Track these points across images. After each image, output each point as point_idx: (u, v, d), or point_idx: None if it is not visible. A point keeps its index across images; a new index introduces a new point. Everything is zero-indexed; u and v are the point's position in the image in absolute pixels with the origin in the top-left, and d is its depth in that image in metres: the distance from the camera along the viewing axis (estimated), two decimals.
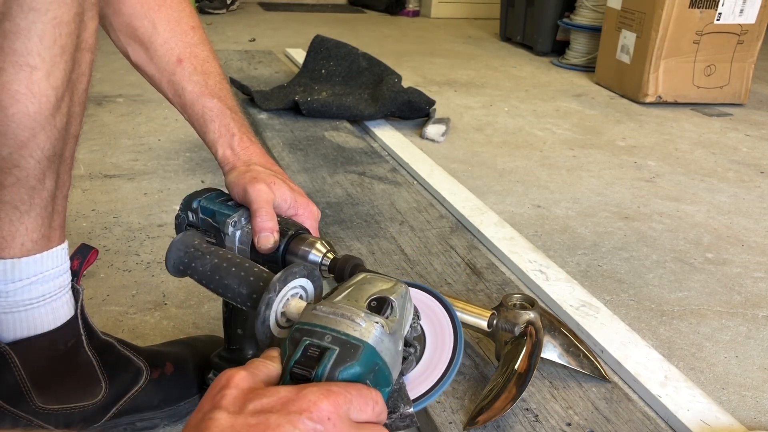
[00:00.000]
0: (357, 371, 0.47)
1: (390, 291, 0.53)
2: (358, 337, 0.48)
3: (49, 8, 0.58)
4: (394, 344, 0.50)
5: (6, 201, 0.62)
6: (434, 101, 2.02)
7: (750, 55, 2.39)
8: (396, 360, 0.51)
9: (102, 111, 1.96)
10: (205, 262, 0.62)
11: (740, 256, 1.33)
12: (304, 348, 0.47)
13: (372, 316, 0.49)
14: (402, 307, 0.53)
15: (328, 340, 0.48)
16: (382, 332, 0.49)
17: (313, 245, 0.69)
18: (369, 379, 0.48)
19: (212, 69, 0.78)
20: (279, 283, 0.55)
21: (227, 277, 0.60)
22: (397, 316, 0.52)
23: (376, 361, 0.48)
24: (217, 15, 3.75)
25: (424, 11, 4.27)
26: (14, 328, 0.67)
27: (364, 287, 0.54)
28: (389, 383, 0.50)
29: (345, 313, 0.49)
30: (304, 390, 0.44)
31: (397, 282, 0.55)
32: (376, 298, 0.52)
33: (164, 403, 0.78)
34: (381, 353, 0.49)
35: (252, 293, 0.58)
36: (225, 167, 0.76)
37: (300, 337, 0.48)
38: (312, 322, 0.49)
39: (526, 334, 0.83)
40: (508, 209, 1.48)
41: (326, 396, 0.43)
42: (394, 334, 0.51)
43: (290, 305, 0.56)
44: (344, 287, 0.54)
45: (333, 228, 1.26)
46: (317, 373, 0.46)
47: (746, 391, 0.95)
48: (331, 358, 0.46)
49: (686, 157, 1.89)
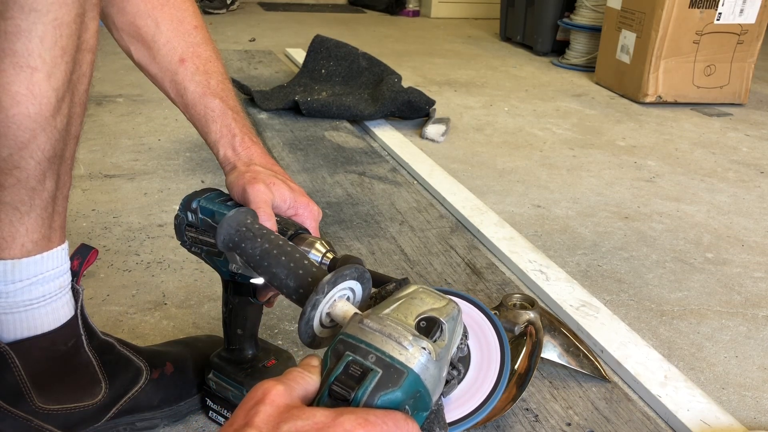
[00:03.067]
0: (398, 398, 0.45)
1: (441, 311, 0.51)
2: (403, 362, 0.46)
3: (50, 9, 0.58)
4: (439, 371, 0.48)
5: (6, 202, 0.62)
6: (434, 101, 2.02)
7: (750, 55, 2.39)
8: (438, 386, 0.49)
9: (102, 111, 1.96)
10: (256, 245, 0.61)
11: (740, 256, 1.33)
12: (347, 364, 0.46)
13: (420, 341, 0.47)
14: (452, 330, 0.51)
15: (371, 360, 0.46)
16: (428, 359, 0.47)
17: (312, 245, 0.69)
18: (408, 404, 0.46)
19: (215, 69, 0.78)
20: (328, 285, 0.53)
21: (276, 266, 0.59)
22: (446, 340, 0.50)
23: (418, 389, 0.46)
24: (217, 15, 3.75)
25: (424, 11, 4.27)
26: (14, 329, 0.67)
27: (414, 303, 0.51)
28: (428, 408, 0.48)
29: (392, 333, 0.47)
30: (341, 417, 0.42)
31: (450, 301, 0.53)
32: (425, 318, 0.50)
33: (164, 403, 0.78)
34: (425, 381, 0.47)
35: (299, 287, 0.57)
36: (226, 167, 0.76)
37: (343, 350, 0.47)
38: (357, 336, 0.47)
39: (526, 334, 0.83)
40: (508, 209, 1.48)
41: (363, 426, 0.42)
42: (441, 360, 0.48)
43: (336, 307, 0.54)
44: (394, 299, 0.52)
45: (333, 228, 1.26)
46: (356, 396, 0.45)
47: (746, 391, 0.95)
48: (372, 381, 0.45)
49: (686, 157, 1.89)
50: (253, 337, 0.79)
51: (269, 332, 0.98)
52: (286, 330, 0.99)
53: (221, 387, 0.78)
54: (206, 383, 0.80)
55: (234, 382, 0.77)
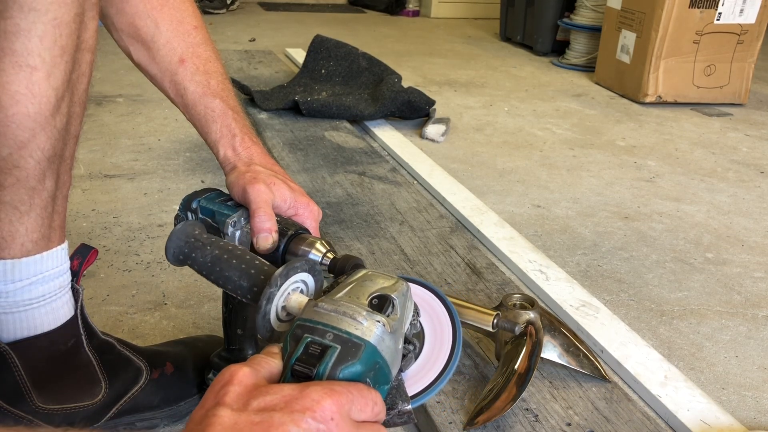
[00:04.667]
0: (358, 370, 0.47)
1: (391, 289, 0.54)
2: (359, 335, 0.48)
3: (49, 9, 0.58)
4: (394, 343, 0.51)
5: (6, 201, 0.62)
6: (434, 101, 2.02)
7: (750, 55, 2.39)
8: (396, 358, 0.51)
9: (102, 111, 1.96)
10: (206, 253, 0.62)
11: (740, 256, 1.33)
12: (306, 345, 0.48)
13: (373, 315, 0.50)
14: (403, 305, 0.53)
15: (329, 338, 0.48)
16: (383, 331, 0.49)
17: (312, 245, 0.69)
18: (369, 377, 0.48)
19: (214, 69, 0.78)
20: (281, 278, 0.55)
21: (228, 269, 0.60)
22: (398, 314, 0.52)
23: (376, 359, 0.48)
24: (217, 15, 3.75)
25: (424, 11, 4.27)
26: (14, 328, 0.67)
27: (365, 284, 0.54)
28: (388, 381, 0.50)
29: (347, 311, 0.49)
30: (307, 389, 0.44)
31: (398, 279, 0.55)
32: (377, 296, 0.53)
33: (164, 403, 0.78)
34: (382, 352, 0.49)
35: (253, 286, 0.58)
36: (226, 167, 0.76)
37: (301, 334, 0.49)
38: (313, 319, 0.49)
39: (526, 334, 0.83)
40: (508, 209, 1.48)
41: (330, 395, 0.43)
42: (395, 332, 0.51)
43: (291, 300, 0.56)
44: (345, 284, 0.54)
45: (333, 228, 1.26)
46: (318, 371, 0.46)
47: (746, 391, 0.95)
48: (332, 356, 0.47)
49: (686, 157, 1.89)
50: (253, 337, 0.79)
51: None
52: None
53: None
54: (206, 383, 0.80)
55: None
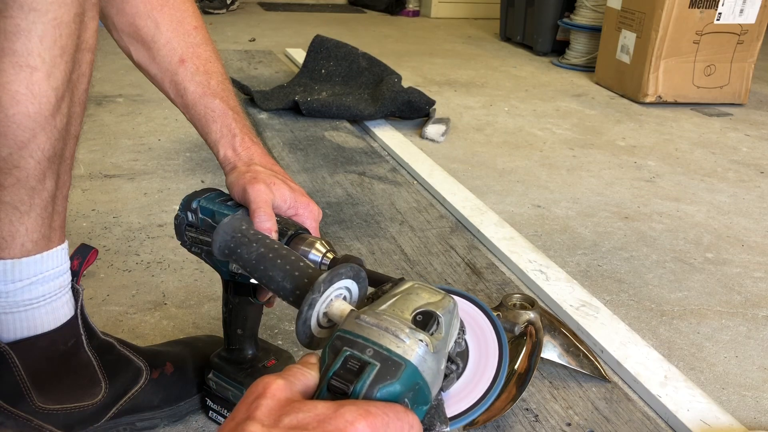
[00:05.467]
0: (396, 390, 0.45)
1: (437, 305, 0.51)
2: (400, 354, 0.46)
3: (49, 9, 0.58)
4: (437, 363, 0.49)
5: (6, 202, 0.62)
6: (434, 101, 2.02)
7: (750, 55, 2.39)
8: (437, 378, 0.49)
9: (102, 111, 1.96)
10: (251, 250, 0.61)
11: (740, 256, 1.33)
12: (344, 359, 0.46)
13: (417, 333, 0.47)
14: (449, 324, 0.51)
15: (369, 353, 0.46)
16: (425, 351, 0.47)
17: (312, 245, 0.69)
18: (408, 397, 0.46)
19: (215, 69, 0.78)
20: (324, 284, 0.53)
21: (272, 269, 0.59)
22: (443, 333, 0.50)
23: (417, 380, 0.46)
24: (217, 15, 3.75)
25: (424, 11, 4.27)
26: (14, 328, 0.67)
27: (410, 298, 0.52)
28: (428, 402, 0.48)
29: (389, 327, 0.47)
30: (342, 408, 0.42)
31: (446, 295, 0.53)
32: (422, 312, 0.50)
33: (164, 403, 0.78)
34: (423, 373, 0.47)
35: (295, 289, 0.57)
36: (226, 167, 0.76)
37: (341, 346, 0.47)
38: (354, 331, 0.47)
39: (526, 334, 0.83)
40: (508, 209, 1.48)
41: (364, 417, 0.42)
42: (438, 352, 0.49)
43: (333, 306, 0.54)
44: (390, 295, 0.52)
45: (333, 228, 1.26)
46: (355, 389, 0.45)
47: (746, 391, 0.95)
48: (371, 374, 0.45)
49: (686, 157, 1.89)
50: (253, 337, 0.79)
51: (269, 332, 0.98)
52: (286, 330, 0.99)
53: (221, 387, 0.78)
54: (206, 383, 0.80)
55: (234, 382, 0.77)
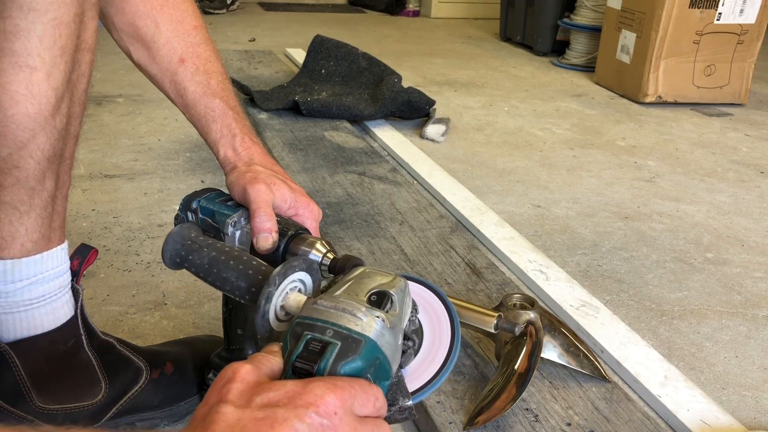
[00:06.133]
0: (359, 365, 0.47)
1: (389, 285, 0.54)
2: (359, 331, 0.48)
3: (49, 9, 0.58)
4: (394, 338, 0.51)
5: (6, 202, 0.62)
6: (434, 101, 2.02)
7: (750, 55, 2.39)
8: (396, 353, 0.52)
9: (102, 111, 1.96)
10: (203, 255, 0.62)
11: (740, 256, 1.33)
12: (306, 342, 0.48)
13: (373, 311, 0.50)
14: (401, 301, 0.54)
15: (329, 334, 0.48)
16: (382, 326, 0.49)
17: (312, 245, 0.69)
18: (370, 373, 0.48)
19: (214, 69, 0.78)
20: (279, 277, 0.55)
21: (225, 270, 0.60)
22: (397, 310, 0.53)
23: (377, 355, 0.49)
24: (217, 15, 3.75)
25: (424, 11, 4.27)
26: (14, 328, 0.67)
27: (363, 281, 0.54)
28: (389, 377, 0.51)
29: (346, 308, 0.50)
30: (310, 384, 0.44)
31: (396, 276, 0.56)
32: (376, 292, 0.53)
33: (164, 403, 0.78)
34: (382, 347, 0.49)
35: (251, 286, 0.59)
36: (226, 167, 0.76)
37: (301, 331, 0.49)
38: (313, 316, 0.50)
39: (526, 334, 0.83)
40: (508, 209, 1.48)
41: (332, 390, 0.44)
42: (394, 328, 0.51)
43: (290, 299, 0.56)
44: (343, 281, 0.55)
45: (333, 228, 1.26)
46: (319, 368, 0.46)
47: (746, 391, 0.95)
48: (333, 352, 0.47)
49: (686, 157, 1.89)
50: (253, 337, 0.79)
51: None
52: None
53: None
54: (206, 383, 0.80)
55: None
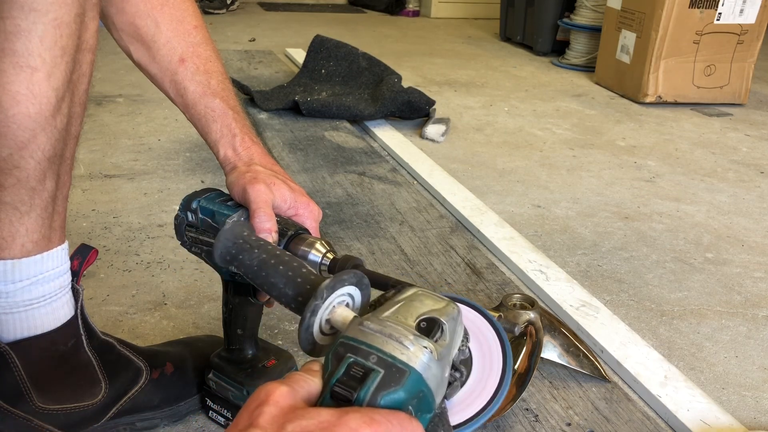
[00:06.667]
0: (400, 397, 0.45)
1: (441, 312, 0.51)
2: (405, 361, 0.46)
3: (49, 9, 0.58)
4: (441, 370, 0.48)
5: (6, 202, 0.62)
6: (434, 101, 2.02)
7: (750, 55, 2.39)
8: (441, 386, 0.49)
9: (102, 111, 1.96)
10: (253, 256, 0.61)
11: (740, 256, 1.33)
12: (348, 366, 0.46)
13: (421, 340, 0.47)
14: (453, 331, 0.51)
15: (373, 360, 0.46)
16: (430, 358, 0.47)
17: (312, 245, 0.69)
18: (412, 405, 0.46)
19: (215, 69, 0.78)
20: (327, 291, 0.53)
21: (274, 275, 0.59)
22: (447, 339, 0.50)
23: (421, 388, 0.46)
24: (217, 15, 3.75)
25: (424, 11, 4.27)
26: (14, 329, 0.67)
27: (413, 305, 0.51)
28: (432, 410, 0.48)
29: (393, 334, 0.47)
30: (346, 416, 0.42)
31: (450, 302, 0.53)
32: (425, 319, 0.50)
33: (164, 403, 0.78)
34: (427, 380, 0.46)
35: (298, 296, 0.57)
36: (226, 167, 0.76)
37: (344, 353, 0.47)
38: (358, 338, 0.47)
39: (526, 334, 0.83)
40: (508, 209, 1.48)
41: (368, 425, 0.41)
42: (443, 359, 0.48)
43: (336, 313, 0.54)
44: (393, 302, 0.52)
45: (333, 228, 1.26)
46: (359, 396, 0.44)
47: (746, 391, 0.95)
48: (375, 381, 0.45)
49: (686, 157, 1.89)
50: (253, 337, 0.79)
51: (269, 332, 0.98)
52: (286, 330, 0.99)
53: (221, 387, 0.78)
54: (206, 383, 0.80)
55: (234, 382, 0.77)
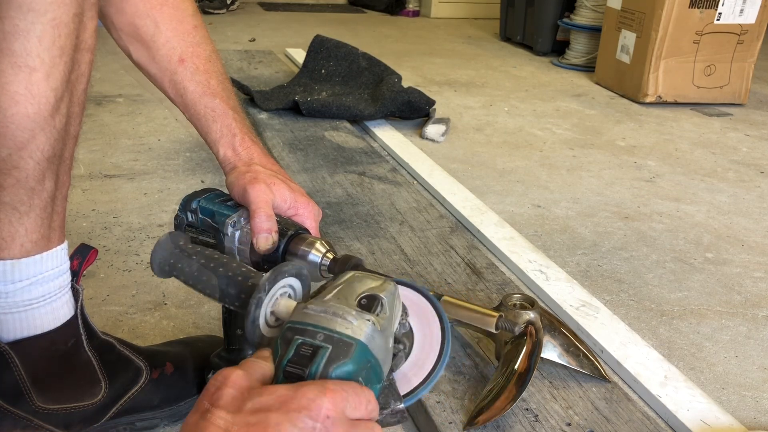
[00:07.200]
0: (350, 369, 0.47)
1: (379, 289, 0.54)
2: (350, 335, 0.48)
3: (48, 9, 0.58)
4: (384, 341, 0.51)
5: (5, 202, 0.62)
6: (434, 101, 2.02)
7: (750, 55, 2.39)
8: (386, 357, 0.52)
9: (102, 111, 1.96)
10: (192, 263, 0.62)
11: (740, 256, 1.33)
12: (297, 347, 0.48)
13: (363, 314, 0.50)
14: (391, 305, 0.54)
15: (320, 338, 0.48)
16: (373, 330, 0.49)
17: (312, 245, 0.69)
18: (361, 376, 0.48)
19: (214, 68, 0.78)
20: (268, 283, 0.55)
21: (214, 278, 0.60)
22: (387, 313, 0.53)
23: (368, 358, 0.49)
24: (217, 15, 3.75)
25: (424, 11, 4.27)
26: (14, 329, 0.67)
27: (353, 285, 0.55)
28: (380, 380, 0.51)
29: (336, 312, 0.50)
30: (302, 388, 0.44)
31: (386, 280, 0.56)
32: (365, 296, 0.53)
33: (164, 403, 0.78)
34: (372, 350, 0.49)
35: (240, 293, 0.58)
36: (226, 167, 0.76)
37: (292, 336, 0.49)
38: (303, 321, 0.50)
39: (526, 334, 0.83)
40: (508, 209, 1.48)
41: (324, 394, 0.43)
42: (385, 331, 0.51)
43: (280, 304, 0.56)
44: (333, 286, 0.55)
45: (333, 228, 1.26)
46: (311, 372, 0.47)
47: (746, 391, 0.95)
48: (324, 356, 0.47)
49: (686, 157, 1.89)
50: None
51: None
52: None
53: None
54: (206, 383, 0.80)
55: None
